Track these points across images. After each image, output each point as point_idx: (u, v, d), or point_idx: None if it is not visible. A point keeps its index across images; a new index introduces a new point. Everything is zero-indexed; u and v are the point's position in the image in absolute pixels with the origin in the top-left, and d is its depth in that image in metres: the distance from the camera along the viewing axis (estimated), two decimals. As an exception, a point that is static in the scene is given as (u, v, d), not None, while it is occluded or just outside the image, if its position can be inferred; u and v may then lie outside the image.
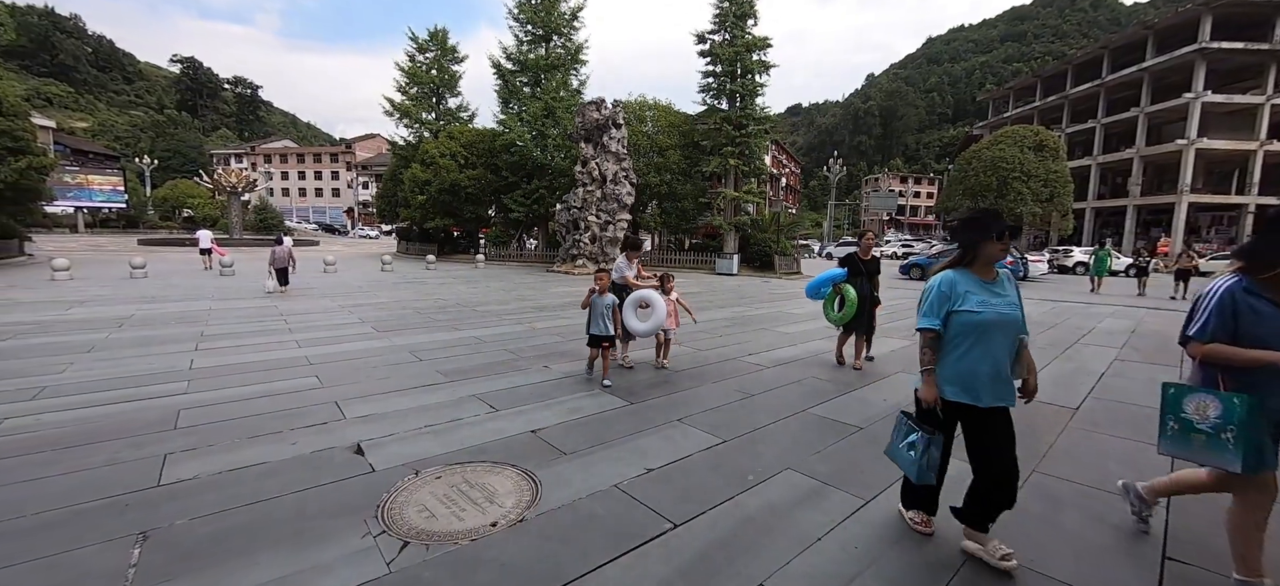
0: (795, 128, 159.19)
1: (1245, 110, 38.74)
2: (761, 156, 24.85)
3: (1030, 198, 31.71)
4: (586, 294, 5.49)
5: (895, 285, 19.14)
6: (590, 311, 5.40)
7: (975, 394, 2.33)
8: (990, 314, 2.30)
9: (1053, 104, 50.88)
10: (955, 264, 2.48)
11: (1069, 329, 9.47)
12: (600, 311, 5.30)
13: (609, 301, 5.37)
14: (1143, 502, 2.80)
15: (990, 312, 2.30)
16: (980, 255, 2.39)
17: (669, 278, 6.21)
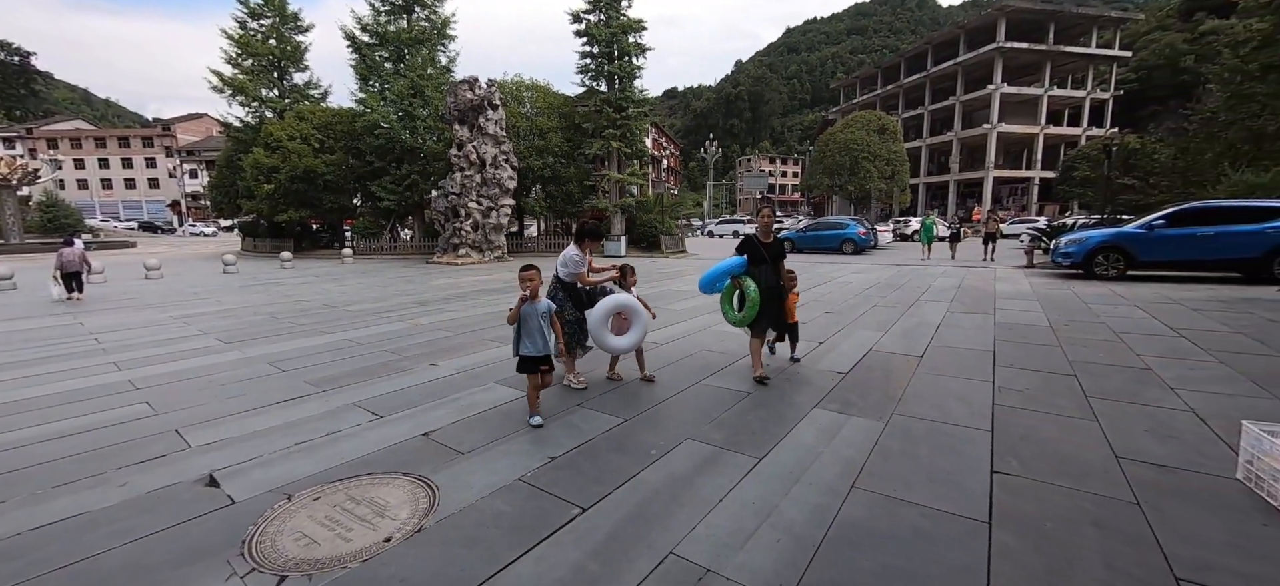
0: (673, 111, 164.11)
1: (1031, 100, 47.00)
2: (642, 138, 25.25)
3: (876, 175, 35.93)
4: (515, 304, 3.84)
5: (770, 259, 20.72)
6: (519, 324, 3.84)
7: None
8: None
9: (890, 92, 57.67)
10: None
11: (911, 289, 10.91)
12: (534, 324, 3.81)
13: (544, 308, 3.91)
14: None
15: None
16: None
17: (630, 272, 4.99)
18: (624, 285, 4.91)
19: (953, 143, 49.52)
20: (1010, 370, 5.16)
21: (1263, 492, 2.75)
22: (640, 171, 26.39)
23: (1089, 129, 47.01)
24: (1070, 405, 4.16)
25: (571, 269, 4.75)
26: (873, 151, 34.97)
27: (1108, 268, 11.73)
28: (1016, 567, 2.27)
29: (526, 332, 3.81)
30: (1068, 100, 48.52)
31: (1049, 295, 9.80)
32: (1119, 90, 48.15)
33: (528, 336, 3.81)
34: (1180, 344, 6.03)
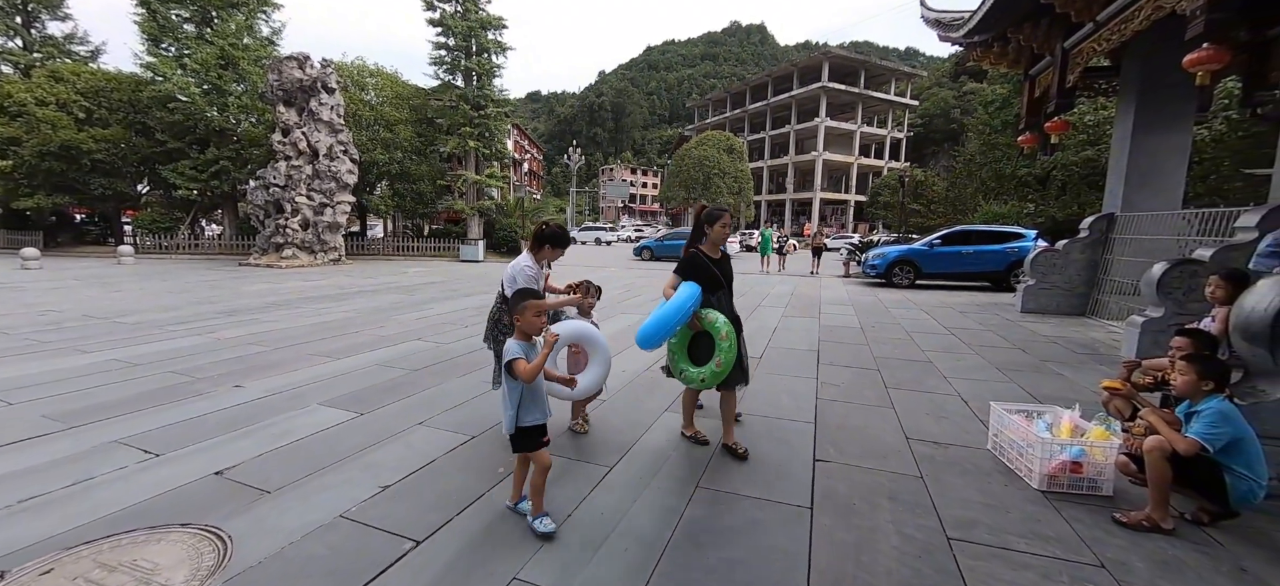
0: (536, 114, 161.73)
1: (848, 134, 54.72)
2: (503, 140, 24.44)
3: (726, 191, 39.05)
4: (541, 350, 2.63)
5: (634, 266, 21.33)
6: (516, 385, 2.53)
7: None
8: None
9: (738, 116, 63.10)
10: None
11: (754, 295, 11.96)
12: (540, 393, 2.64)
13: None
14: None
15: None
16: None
17: (591, 290, 3.84)
18: (581, 309, 3.79)
19: (788, 166, 55.78)
20: (831, 367, 5.87)
21: (1004, 459, 3.44)
22: (500, 173, 25.48)
23: (890, 162, 56.20)
24: (874, 396, 4.84)
25: (515, 284, 3.45)
26: (723, 169, 38.07)
27: (903, 277, 14.05)
28: (832, 544, 2.54)
29: (533, 392, 2.58)
30: (875, 136, 57.50)
31: (860, 301, 11.42)
32: (910, 132, 58.31)
33: (534, 398, 2.59)
34: (951, 340, 7.39)
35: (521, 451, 2.66)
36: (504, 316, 3.51)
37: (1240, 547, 2.55)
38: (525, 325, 2.56)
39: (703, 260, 3.46)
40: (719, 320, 3.31)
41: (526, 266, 3.50)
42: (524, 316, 2.55)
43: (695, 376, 3.37)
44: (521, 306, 2.56)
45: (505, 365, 2.50)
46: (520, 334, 2.60)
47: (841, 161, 54.47)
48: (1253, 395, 3.01)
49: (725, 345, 3.24)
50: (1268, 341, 2.90)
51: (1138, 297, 7.40)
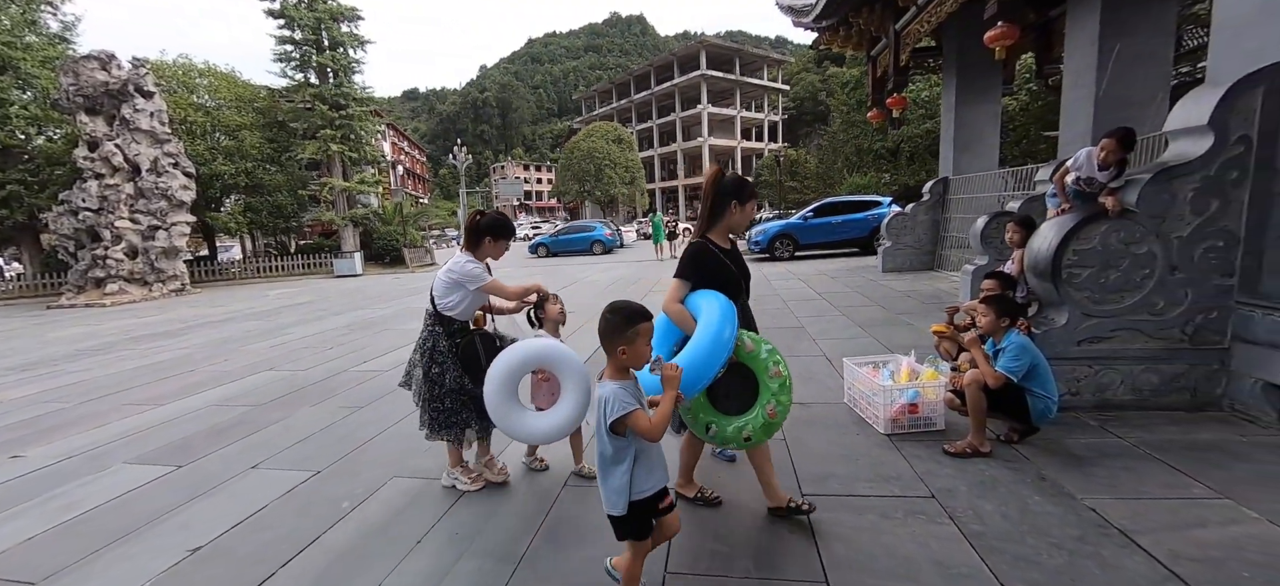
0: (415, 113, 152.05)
1: (730, 119, 57.28)
2: (372, 141, 22.57)
3: (618, 181, 39.31)
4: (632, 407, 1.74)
5: (531, 263, 20.73)
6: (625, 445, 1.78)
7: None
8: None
9: (624, 106, 63.62)
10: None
11: (646, 283, 12.09)
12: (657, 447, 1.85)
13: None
14: None
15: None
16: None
17: (551, 298, 3.06)
18: (541, 320, 3.03)
19: (677, 153, 57.35)
20: (712, 344, 6.02)
21: (857, 410, 3.68)
22: (375, 178, 23.55)
23: (769, 143, 59.75)
24: (749, 366, 5.02)
25: (464, 296, 2.79)
26: (613, 159, 38.26)
27: (783, 250, 14.93)
28: (692, 523, 2.53)
29: (648, 449, 1.81)
30: (754, 120, 60.79)
31: (745, 277, 11.96)
32: (784, 114, 62.36)
33: (650, 456, 1.82)
34: (822, 305, 7.92)
35: (634, 536, 1.83)
36: (440, 341, 2.81)
37: (1040, 458, 2.90)
38: (632, 357, 1.76)
39: (716, 255, 2.37)
40: (763, 346, 2.26)
41: (468, 265, 2.76)
42: (633, 347, 1.74)
43: (734, 433, 2.25)
44: (631, 332, 1.74)
45: (608, 424, 1.71)
46: (616, 372, 1.79)
47: (726, 145, 57.03)
48: (1045, 323, 3.45)
49: (776, 384, 2.22)
50: (1051, 275, 3.33)
51: (969, 249, 8.40)
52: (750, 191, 2.44)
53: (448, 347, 2.81)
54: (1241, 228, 3.14)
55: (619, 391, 1.71)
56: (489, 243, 2.85)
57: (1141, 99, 6.06)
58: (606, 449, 1.77)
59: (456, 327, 2.86)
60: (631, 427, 1.71)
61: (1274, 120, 3.00)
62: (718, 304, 2.21)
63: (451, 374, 2.81)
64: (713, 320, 2.16)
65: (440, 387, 2.80)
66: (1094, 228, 3.24)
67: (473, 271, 2.77)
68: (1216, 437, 3.01)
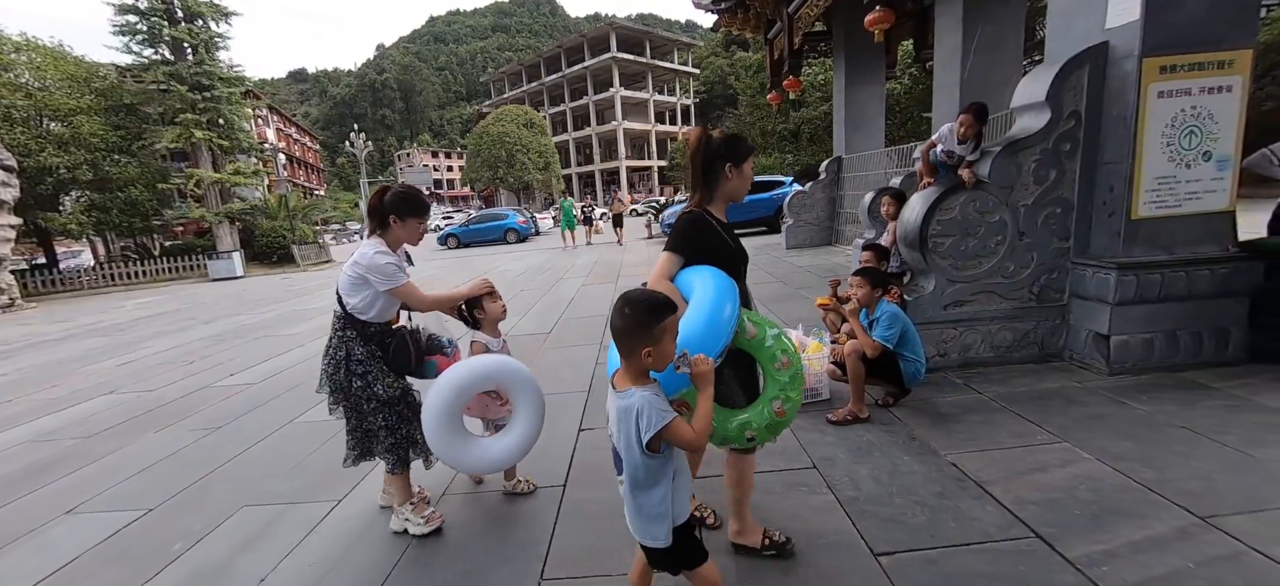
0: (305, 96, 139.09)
1: (643, 103, 57.39)
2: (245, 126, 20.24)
3: (532, 167, 38.25)
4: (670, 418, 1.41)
5: (440, 256, 19.60)
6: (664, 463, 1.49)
7: None
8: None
9: (535, 89, 61.86)
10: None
11: (557, 270, 11.80)
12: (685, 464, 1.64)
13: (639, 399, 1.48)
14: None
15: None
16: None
17: (491, 294, 2.60)
18: (471, 317, 2.55)
19: (592, 137, 56.74)
20: (618, 329, 5.93)
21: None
22: (252, 168, 21.17)
23: (683, 127, 60.63)
24: (652, 350, 4.97)
25: (377, 295, 2.29)
26: (525, 144, 37.10)
27: (695, 232, 15.17)
28: (578, 519, 2.42)
29: (682, 471, 1.56)
30: (667, 104, 61.37)
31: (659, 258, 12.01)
32: (696, 98, 63.48)
33: (683, 478, 1.56)
34: (728, 284, 8.08)
35: (690, 564, 1.55)
36: (355, 347, 2.28)
37: (912, 419, 3.07)
38: (658, 358, 1.42)
39: (715, 229, 1.97)
40: (767, 330, 1.86)
41: (377, 256, 2.22)
42: (660, 346, 1.41)
43: (737, 430, 1.83)
44: (658, 329, 1.41)
45: (643, 442, 1.38)
46: (637, 376, 1.45)
47: (640, 129, 57.19)
48: (915, 290, 3.66)
49: (785, 377, 1.82)
50: (919, 245, 3.52)
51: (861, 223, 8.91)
52: (746, 148, 1.98)
53: (366, 354, 2.29)
54: (1074, 195, 3.47)
55: (652, 400, 1.39)
56: (397, 224, 2.29)
57: (1000, 80, 6.64)
58: (639, 472, 1.43)
59: (374, 331, 2.33)
60: (671, 440, 1.42)
61: (1097, 96, 3.33)
62: (714, 279, 1.83)
63: (383, 382, 2.29)
64: (708, 297, 1.76)
65: (370, 401, 2.30)
66: (954, 199, 3.46)
67: (382, 264, 2.20)
68: (1058, 385, 3.33)
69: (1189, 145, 3.17)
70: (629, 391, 1.42)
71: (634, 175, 60.03)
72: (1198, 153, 3.18)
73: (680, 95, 61.85)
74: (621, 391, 1.44)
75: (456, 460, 2.19)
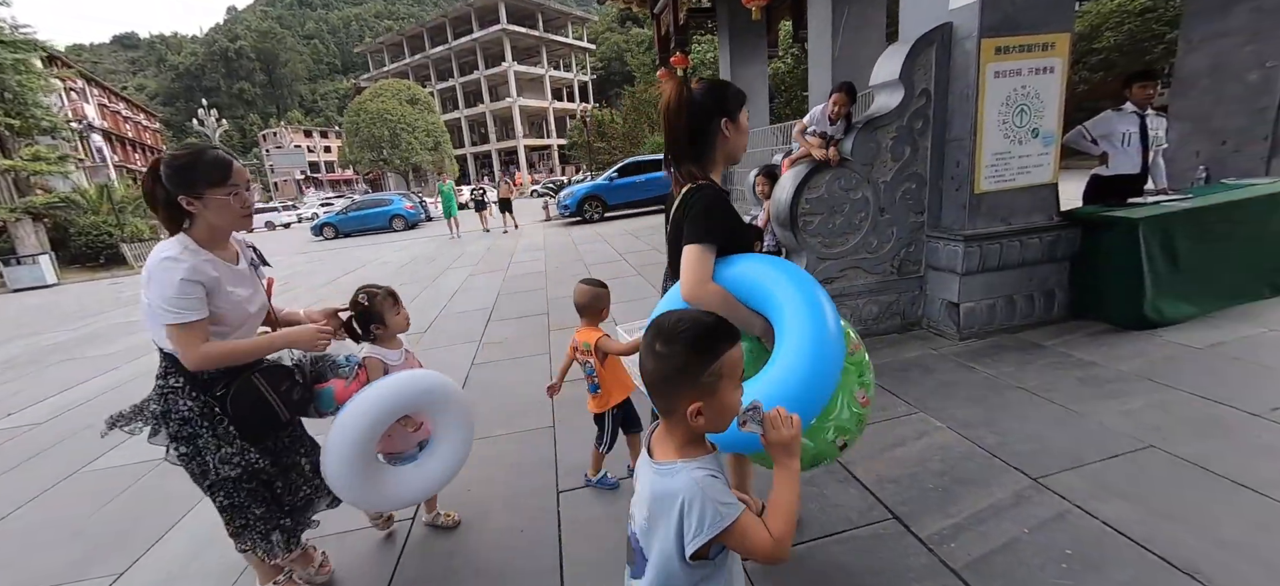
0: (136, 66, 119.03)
1: (539, 78, 55.49)
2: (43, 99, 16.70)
3: (419, 147, 35.60)
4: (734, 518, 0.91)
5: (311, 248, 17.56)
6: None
7: None
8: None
9: (420, 62, 57.55)
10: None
11: (443, 260, 10.99)
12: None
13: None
14: None
15: None
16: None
17: (384, 297, 2.02)
18: (363, 327, 2.01)
19: (486, 114, 54.01)
20: (501, 323, 5.53)
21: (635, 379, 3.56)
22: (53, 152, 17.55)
23: (581, 104, 59.57)
24: (534, 344, 4.67)
25: (176, 314, 1.48)
26: (409, 122, 34.32)
27: (593, 212, 14.88)
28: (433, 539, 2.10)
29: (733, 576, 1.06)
30: (564, 81, 59.86)
31: (553, 243, 11.59)
32: (593, 74, 62.59)
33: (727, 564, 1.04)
34: (622, 266, 7.92)
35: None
36: (178, 401, 1.58)
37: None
38: (714, 416, 0.94)
39: (732, 205, 1.58)
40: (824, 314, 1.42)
41: (163, 267, 1.48)
42: (716, 398, 0.93)
43: (829, 443, 1.45)
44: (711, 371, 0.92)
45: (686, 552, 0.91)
46: (685, 444, 0.97)
47: (537, 106, 55.32)
48: (789, 270, 3.67)
49: (860, 358, 1.52)
50: (790, 223, 3.51)
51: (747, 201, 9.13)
52: (738, 96, 1.57)
53: (198, 409, 1.58)
54: (927, 171, 3.63)
55: (707, 488, 0.90)
56: (196, 207, 1.52)
57: (866, 59, 6.95)
58: (676, 581, 0.96)
59: (209, 377, 1.60)
60: (735, 548, 0.94)
61: (944, 75, 3.47)
62: (789, 271, 1.39)
63: (218, 454, 1.60)
64: (802, 303, 1.29)
65: (205, 477, 1.64)
66: (821, 177, 3.48)
67: (161, 280, 1.47)
68: (917, 354, 3.50)
69: (1020, 122, 3.41)
70: (671, 466, 0.94)
71: (533, 154, 58.19)
72: (1027, 129, 3.43)
73: (577, 71, 60.57)
74: (662, 464, 0.96)
75: (366, 500, 1.81)
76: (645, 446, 1.03)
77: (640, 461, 1.03)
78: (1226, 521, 1.82)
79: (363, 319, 1.96)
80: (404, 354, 2.08)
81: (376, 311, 1.96)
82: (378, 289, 2.00)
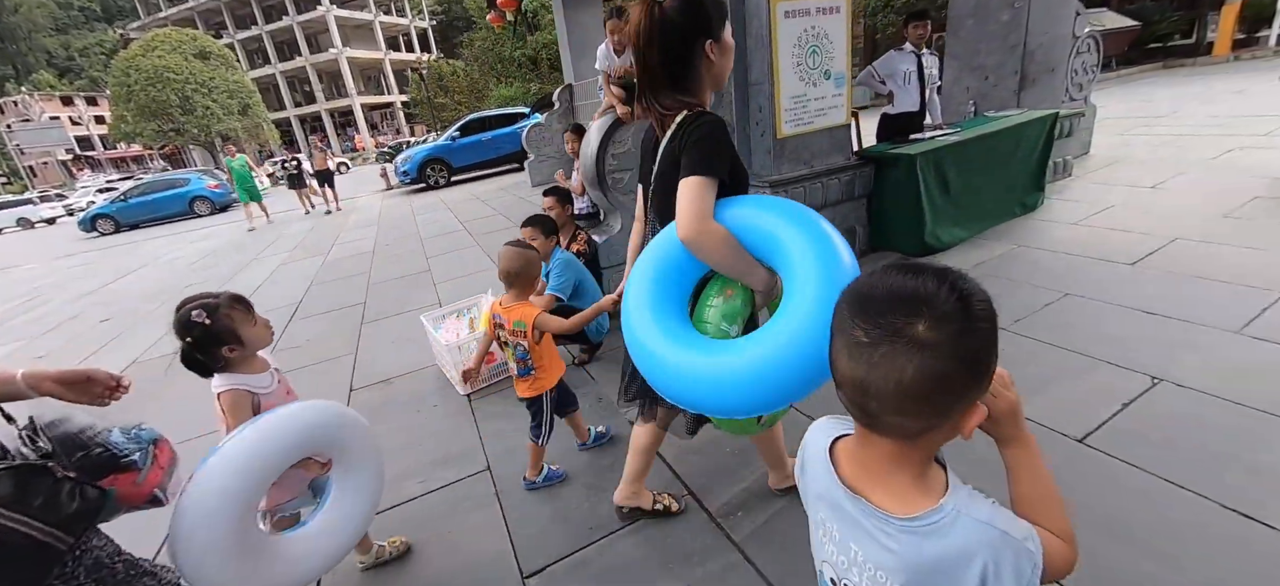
0: None
1: (366, 24, 49.12)
2: None
3: (222, 112, 29.81)
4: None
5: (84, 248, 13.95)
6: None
7: None
8: None
9: (210, 6, 47.83)
10: None
11: (258, 245, 9.35)
12: None
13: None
14: None
15: None
16: None
17: (231, 305, 1.46)
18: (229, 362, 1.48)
19: (308, 69, 46.86)
20: (305, 320, 4.75)
21: (445, 372, 3.16)
22: None
23: (424, 55, 54.02)
24: (340, 344, 4.03)
25: None
26: (203, 81, 28.36)
27: (438, 177, 13.60)
28: None
29: None
30: (400, 27, 53.61)
31: (390, 215, 10.40)
32: (433, 20, 56.80)
33: None
34: (462, 237, 7.26)
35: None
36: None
37: (604, 376, 2.89)
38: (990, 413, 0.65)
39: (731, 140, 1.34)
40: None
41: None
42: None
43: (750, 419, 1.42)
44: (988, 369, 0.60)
45: None
46: (924, 462, 0.65)
47: (371, 58, 49.12)
48: (606, 231, 3.46)
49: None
50: (598, 183, 3.27)
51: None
52: (719, 8, 1.30)
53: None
54: (734, 117, 3.57)
55: (1005, 523, 0.62)
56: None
57: None
58: None
59: None
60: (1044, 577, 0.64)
61: (741, 15, 3.37)
62: (800, 211, 1.19)
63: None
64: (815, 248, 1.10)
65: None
66: (625, 131, 3.26)
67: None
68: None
69: (814, 64, 3.44)
70: (935, 517, 0.63)
71: (375, 114, 52.15)
72: (820, 71, 3.48)
73: (413, 16, 54.55)
74: (916, 519, 0.63)
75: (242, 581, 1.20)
76: (840, 484, 0.70)
77: (828, 511, 0.73)
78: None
79: (204, 344, 1.43)
80: (275, 376, 1.59)
81: (222, 329, 1.44)
82: (215, 298, 1.47)
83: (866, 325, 0.58)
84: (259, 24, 46.51)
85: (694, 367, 1.07)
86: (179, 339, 1.43)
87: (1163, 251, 3.29)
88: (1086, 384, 2.18)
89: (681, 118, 1.28)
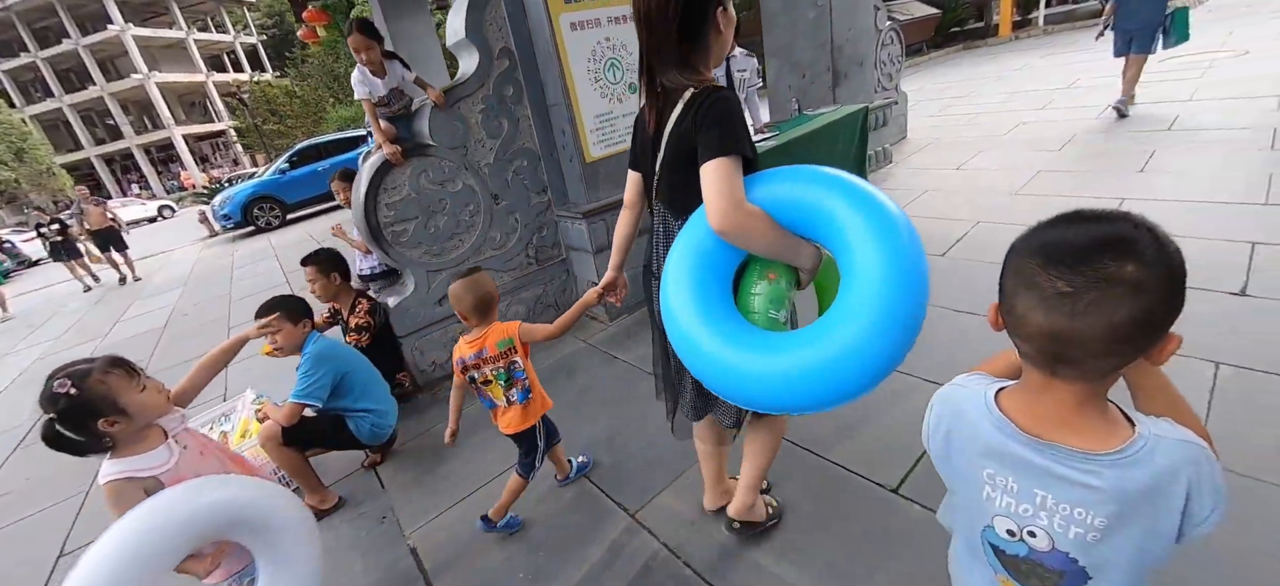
0: None
1: (177, 43, 42.59)
2: None
3: (-15, 162, 24.08)
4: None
5: None
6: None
7: None
8: None
9: (-46, 33, 38.79)
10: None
11: (8, 340, 7.41)
12: None
13: None
14: None
15: None
16: None
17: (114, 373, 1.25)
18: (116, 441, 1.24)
19: (107, 100, 39.58)
20: (29, 450, 3.64)
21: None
22: None
23: (254, 74, 47.97)
24: (64, 486, 3.07)
25: None
26: (-53, 127, 22.60)
27: (267, 218, 11.86)
28: None
29: None
30: (222, 45, 47.15)
31: (204, 271, 8.81)
32: (264, 36, 50.61)
33: None
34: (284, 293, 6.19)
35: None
36: None
37: (399, 477, 2.37)
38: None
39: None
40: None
41: None
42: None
43: None
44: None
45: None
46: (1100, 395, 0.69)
47: (190, 81, 42.54)
48: (399, 293, 2.90)
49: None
50: (375, 238, 2.71)
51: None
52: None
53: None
54: (536, 144, 3.17)
55: (1203, 445, 0.66)
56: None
57: None
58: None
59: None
60: None
61: (524, 30, 2.97)
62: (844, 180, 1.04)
63: None
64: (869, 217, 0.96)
65: None
66: (400, 175, 2.72)
67: None
68: (569, 352, 3.15)
69: (615, 78, 3.14)
70: (1133, 447, 0.64)
71: (204, 145, 45.51)
72: (624, 85, 3.19)
73: (237, 32, 48.25)
74: (1114, 454, 0.64)
75: None
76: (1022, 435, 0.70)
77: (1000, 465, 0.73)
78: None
79: (74, 419, 1.23)
80: (175, 448, 1.37)
81: (94, 398, 1.24)
82: (88, 363, 1.27)
83: (1068, 275, 0.59)
84: (31, 51, 38.40)
85: (767, 368, 0.96)
86: (44, 414, 1.23)
87: (968, 238, 3.41)
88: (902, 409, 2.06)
89: (689, 95, 1.14)
